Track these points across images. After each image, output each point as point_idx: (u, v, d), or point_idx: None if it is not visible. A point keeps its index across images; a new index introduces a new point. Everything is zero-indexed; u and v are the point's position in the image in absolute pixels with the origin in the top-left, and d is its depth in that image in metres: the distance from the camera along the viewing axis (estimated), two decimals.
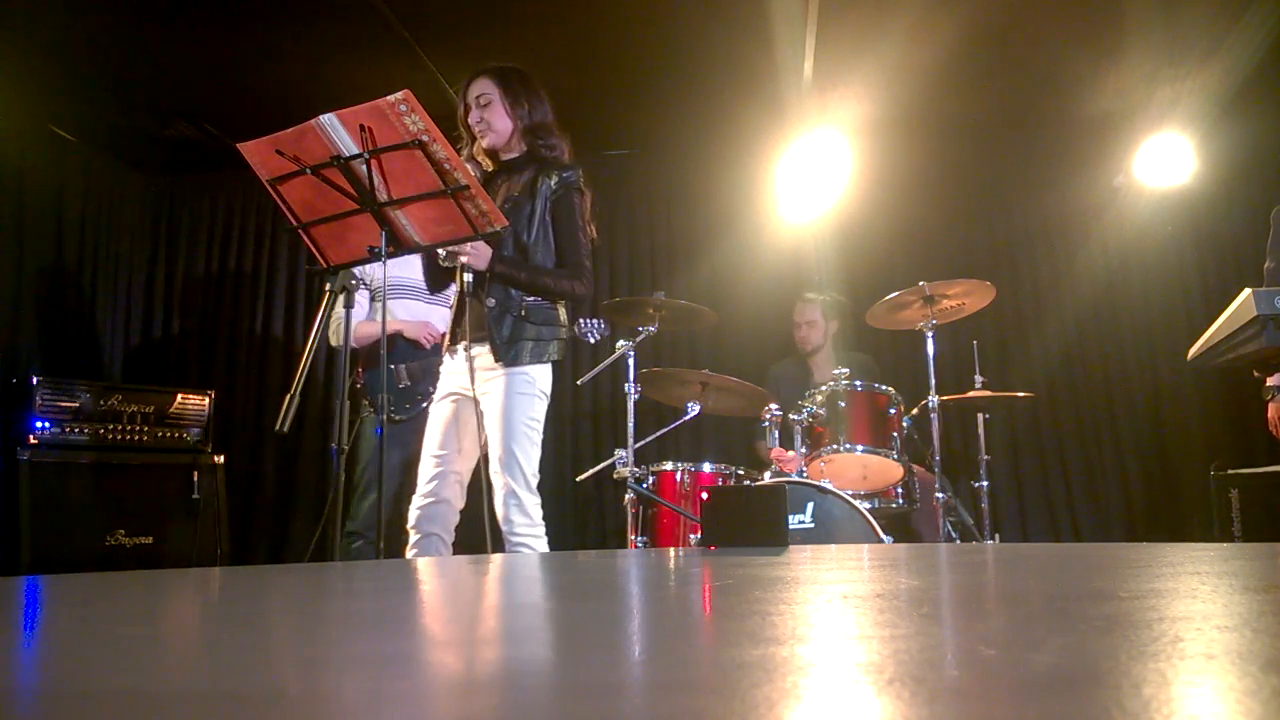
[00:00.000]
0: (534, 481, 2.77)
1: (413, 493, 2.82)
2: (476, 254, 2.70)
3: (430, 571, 1.72)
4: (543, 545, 2.75)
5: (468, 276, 2.75)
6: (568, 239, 2.85)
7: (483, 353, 2.78)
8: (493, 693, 0.53)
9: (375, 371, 3.54)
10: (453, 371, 2.89)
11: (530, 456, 2.76)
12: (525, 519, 2.71)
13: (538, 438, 2.80)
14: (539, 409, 2.80)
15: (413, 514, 2.80)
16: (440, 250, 2.77)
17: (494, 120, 2.86)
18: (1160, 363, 4.87)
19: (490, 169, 2.95)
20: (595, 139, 5.06)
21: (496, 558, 2.44)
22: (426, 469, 2.82)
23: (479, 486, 2.89)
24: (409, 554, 2.80)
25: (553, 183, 2.83)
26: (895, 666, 0.53)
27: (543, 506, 2.81)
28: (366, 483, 3.61)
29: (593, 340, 3.11)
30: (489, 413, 2.77)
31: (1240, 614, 0.76)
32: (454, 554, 2.87)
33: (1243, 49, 4.01)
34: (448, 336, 2.93)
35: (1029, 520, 4.85)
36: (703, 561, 1.66)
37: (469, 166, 2.86)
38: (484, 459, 2.77)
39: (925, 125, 4.76)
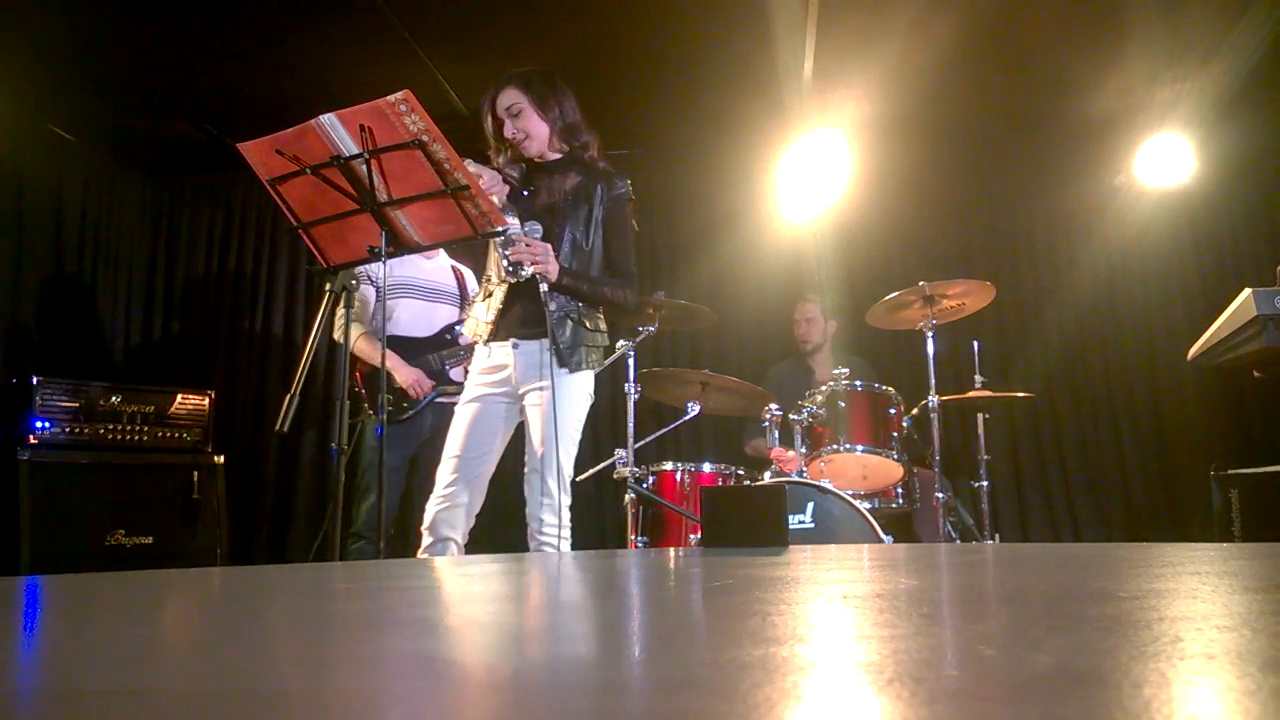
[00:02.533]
0: (568, 483, 2.78)
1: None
2: (547, 264, 2.67)
3: (432, 571, 1.72)
4: (566, 547, 2.76)
5: (543, 284, 2.69)
6: (620, 248, 2.89)
7: (538, 351, 2.76)
8: (492, 692, 0.53)
9: (375, 375, 3.54)
10: (487, 369, 2.82)
11: (572, 459, 2.78)
12: (555, 520, 2.72)
13: (578, 439, 2.82)
14: (584, 412, 2.83)
15: (429, 515, 2.76)
16: (507, 262, 2.72)
17: (530, 127, 2.83)
18: (1160, 363, 4.86)
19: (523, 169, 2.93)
20: None
21: (496, 558, 2.44)
22: (446, 470, 2.78)
23: (499, 486, 2.87)
24: (421, 555, 2.78)
25: (608, 191, 2.86)
26: (895, 666, 0.53)
27: None
28: (366, 485, 3.61)
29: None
30: (539, 412, 2.75)
31: (1240, 614, 0.76)
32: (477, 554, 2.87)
33: (1242, 50, 4.01)
34: (487, 330, 2.83)
35: (1029, 520, 4.85)
36: (703, 561, 1.66)
37: (512, 172, 2.84)
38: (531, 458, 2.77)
39: (925, 125, 4.76)
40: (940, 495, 3.51)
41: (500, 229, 2.52)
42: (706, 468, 3.56)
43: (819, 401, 3.56)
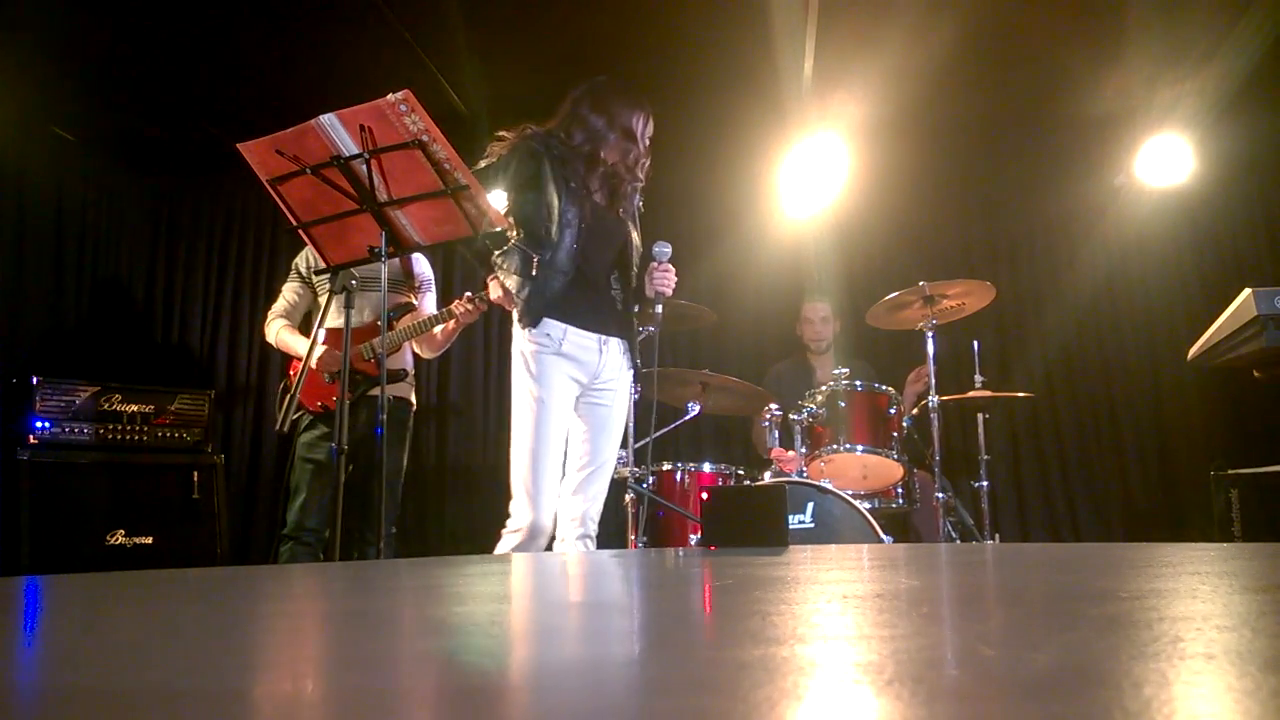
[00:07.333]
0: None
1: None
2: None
3: (438, 572, 1.72)
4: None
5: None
6: None
7: (618, 351, 2.86)
8: (493, 692, 0.53)
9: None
10: (600, 364, 2.83)
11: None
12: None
13: None
14: None
15: (569, 521, 2.78)
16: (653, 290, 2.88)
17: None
18: (1160, 363, 4.86)
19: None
20: None
21: (494, 559, 2.44)
22: (576, 466, 2.84)
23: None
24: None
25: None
26: (895, 666, 0.53)
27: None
28: (295, 484, 3.50)
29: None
30: (618, 411, 2.86)
31: (1240, 614, 0.76)
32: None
33: (1242, 50, 4.01)
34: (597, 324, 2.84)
35: (1029, 520, 4.85)
36: (703, 561, 1.66)
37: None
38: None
39: (925, 126, 4.76)
40: (940, 495, 3.51)
41: (499, 228, 2.52)
42: (706, 468, 3.56)
43: (819, 401, 3.56)
